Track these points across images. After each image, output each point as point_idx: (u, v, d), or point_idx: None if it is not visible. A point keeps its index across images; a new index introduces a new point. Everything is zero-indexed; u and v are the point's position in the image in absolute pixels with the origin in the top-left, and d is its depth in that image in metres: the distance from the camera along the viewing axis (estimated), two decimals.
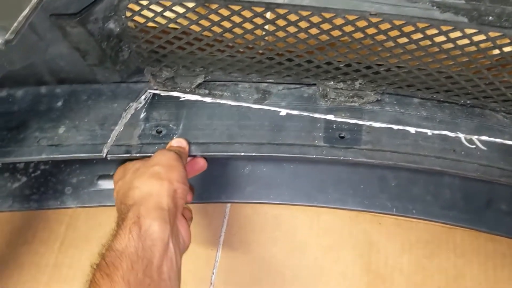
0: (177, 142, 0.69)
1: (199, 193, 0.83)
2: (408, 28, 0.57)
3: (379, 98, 0.73)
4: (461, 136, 0.71)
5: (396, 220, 0.83)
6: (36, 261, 0.81)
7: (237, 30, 0.61)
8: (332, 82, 0.72)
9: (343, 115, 0.72)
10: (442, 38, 0.57)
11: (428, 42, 0.58)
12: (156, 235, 0.53)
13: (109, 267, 0.49)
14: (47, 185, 0.85)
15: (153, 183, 0.58)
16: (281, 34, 0.61)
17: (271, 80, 0.74)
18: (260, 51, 0.66)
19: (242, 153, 0.70)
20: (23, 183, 0.85)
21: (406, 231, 0.83)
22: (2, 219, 0.84)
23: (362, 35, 0.59)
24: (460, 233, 0.82)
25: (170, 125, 0.72)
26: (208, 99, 0.74)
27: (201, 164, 0.72)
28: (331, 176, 0.84)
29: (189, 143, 0.69)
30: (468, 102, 0.71)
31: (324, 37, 0.60)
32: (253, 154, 0.70)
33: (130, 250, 0.51)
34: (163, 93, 0.74)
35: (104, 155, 0.69)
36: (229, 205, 0.85)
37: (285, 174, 0.85)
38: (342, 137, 0.70)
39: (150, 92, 0.74)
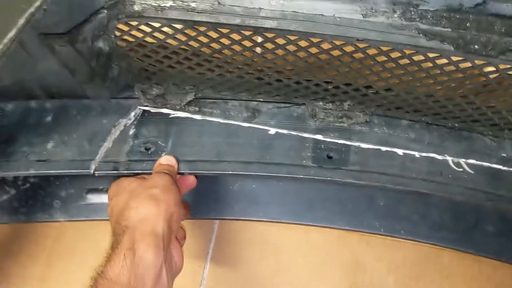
0: (166, 160, 0.68)
1: None
2: (395, 54, 0.57)
3: (368, 119, 0.73)
4: (449, 159, 0.71)
5: (383, 240, 0.83)
6: (22, 274, 0.80)
7: (226, 52, 0.61)
8: (321, 103, 0.72)
9: (331, 135, 0.72)
10: (428, 64, 0.57)
11: (415, 68, 0.59)
12: (149, 262, 0.53)
13: None
14: (36, 198, 0.84)
15: (151, 205, 0.58)
16: (269, 56, 0.61)
17: (260, 99, 0.75)
18: (249, 72, 0.66)
19: (230, 172, 0.70)
20: (12, 196, 0.84)
21: (393, 251, 0.83)
22: None
23: (349, 59, 0.59)
24: (447, 254, 0.82)
25: (159, 142, 0.72)
26: (197, 117, 0.74)
27: (191, 180, 0.72)
28: (319, 194, 0.85)
29: (178, 161, 0.69)
30: (456, 125, 0.72)
31: (312, 60, 0.60)
32: (241, 173, 0.70)
33: (123, 280, 0.50)
34: (153, 110, 0.74)
35: (92, 171, 0.69)
36: (217, 221, 0.85)
37: (274, 191, 0.85)
38: (330, 158, 0.71)
39: (140, 109, 0.74)
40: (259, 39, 0.58)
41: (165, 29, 0.58)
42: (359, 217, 0.83)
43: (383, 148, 0.72)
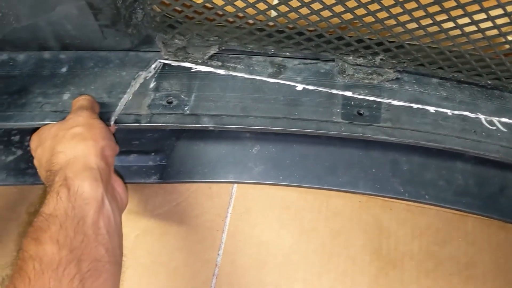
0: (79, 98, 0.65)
1: (205, 172, 0.80)
2: None
3: (398, 76, 0.71)
4: (482, 117, 0.69)
5: (407, 205, 0.81)
6: None
7: None
8: (351, 57, 0.69)
9: (361, 92, 0.70)
10: (475, 7, 0.55)
11: (460, 12, 0.56)
12: (88, 194, 0.50)
13: (36, 231, 0.46)
14: None
15: (78, 144, 0.55)
16: None
17: (286, 54, 0.72)
18: (282, 20, 0.63)
19: (257, 127, 0.67)
20: (19, 157, 0.80)
21: (417, 217, 0.80)
22: None
23: (392, 2, 0.56)
24: (471, 221, 0.80)
25: (182, 96, 0.68)
26: (221, 71, 0.70)
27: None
28: (342, 158, 0.82)
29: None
30: (489, 82, 0.70)
31: (352, 3, 0.57)
32: (269, 128, 0.67)
33: (59, 212, 0.48)
34: (174, 63, 0.71)
35: (112, 123, 0.65)
36: (235, 185, 0.82)
37: (294, 155, 0.82)
38: (361, 114, 0.68)
39: (160, 62, 0.71)
40: None
41: None
42: (383, 182, 0.80)
43: (415, 106, 0.69)
